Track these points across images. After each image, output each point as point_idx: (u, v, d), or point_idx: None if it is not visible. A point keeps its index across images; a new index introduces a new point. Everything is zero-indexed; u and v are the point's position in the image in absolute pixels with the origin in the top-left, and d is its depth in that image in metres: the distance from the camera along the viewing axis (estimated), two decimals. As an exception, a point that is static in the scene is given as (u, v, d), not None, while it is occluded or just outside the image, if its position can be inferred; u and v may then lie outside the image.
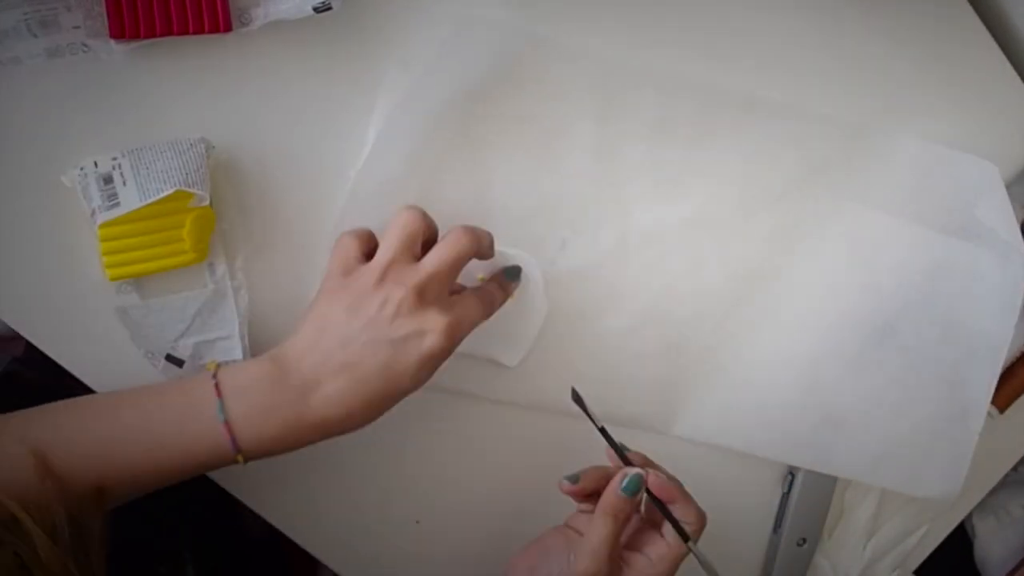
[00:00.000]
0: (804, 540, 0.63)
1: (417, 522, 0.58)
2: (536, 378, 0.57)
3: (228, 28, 0.48)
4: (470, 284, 0.53)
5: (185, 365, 0.51)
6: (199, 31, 0.48)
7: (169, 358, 0.51)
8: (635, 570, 0.48)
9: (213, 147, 0.49)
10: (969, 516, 0.75)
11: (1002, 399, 0.64)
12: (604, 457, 0.54)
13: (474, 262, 0.50)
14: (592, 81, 0.54)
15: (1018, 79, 0.61)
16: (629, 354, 0.58)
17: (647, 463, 0.51)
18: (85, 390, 0.50)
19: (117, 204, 0.47)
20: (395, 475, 0.57)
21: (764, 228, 0.58)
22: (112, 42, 0.47)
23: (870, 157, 0.59)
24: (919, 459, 0.61)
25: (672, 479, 0.50)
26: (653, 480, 0.49)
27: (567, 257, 0.56)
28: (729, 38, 0.56)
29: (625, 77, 0.54)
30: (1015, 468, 0.69)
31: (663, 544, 0.49)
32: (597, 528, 0.47)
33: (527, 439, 0.58)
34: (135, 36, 0.47)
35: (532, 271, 0.55)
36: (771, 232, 0.58)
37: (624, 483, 0.48)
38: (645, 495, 0.49)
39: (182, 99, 0.50)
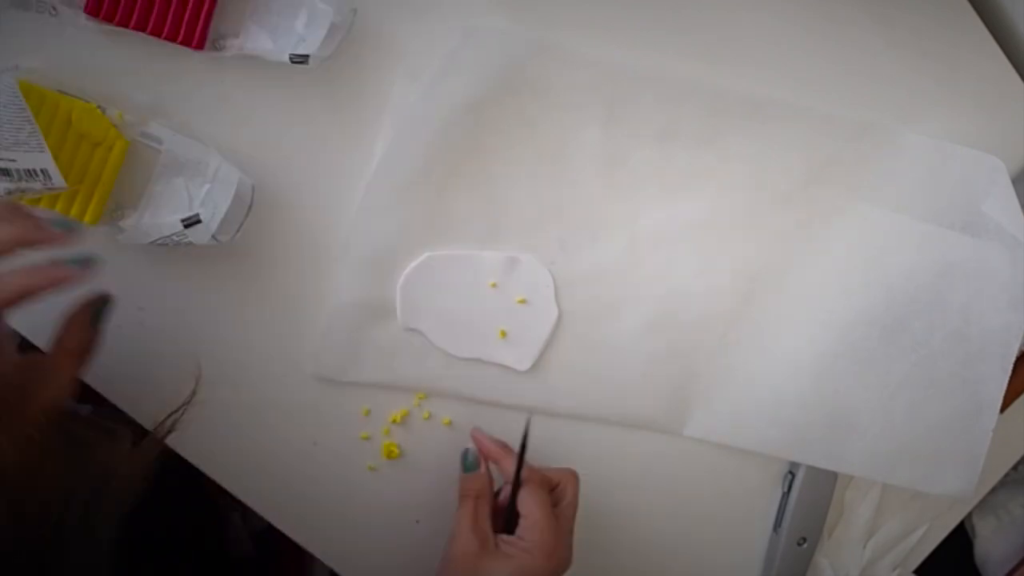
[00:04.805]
0: (804, 539, 0.63)
1: (417, 522, 0.58)
2: (546, 382, 0.57)
3: (200, 47, 0.48)
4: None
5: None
6: (171, 39, 0.48)
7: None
8: (508, 544, 0.50)
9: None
10: (969, 516, 0.75)
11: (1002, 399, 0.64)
12: (598, 460, 0.54)
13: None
14: (598, 87, 0.54)
15: (1018, 79, 0.61)
16: (640, 357, 0.58)
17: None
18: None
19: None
20: (396, 475, 0.57)
21: (773, 229, 0.58)
22: (84, 16, 0.47)
23: (875, 155, 0.59)
24: (933, 456, 0.61)
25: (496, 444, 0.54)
26: (480, 435, 0.55)
27: (571, 259, 0.56)
28: (733, 42, 0.56)
29: (631, 82, 0.54)
30: (1015, 468, 0.69)
31: (524, 517, 0.51)
32: (458, 511, 0.50)
33: (531, 443, 0.58)
34: (109, 20, 0.47)
35: (542, 277, 0.55)
36: (780, 233, 0.59)
37: (463, 462, 0.52)
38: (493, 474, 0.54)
39: (134, 88, 0.50)
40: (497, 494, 0.54)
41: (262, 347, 0.54)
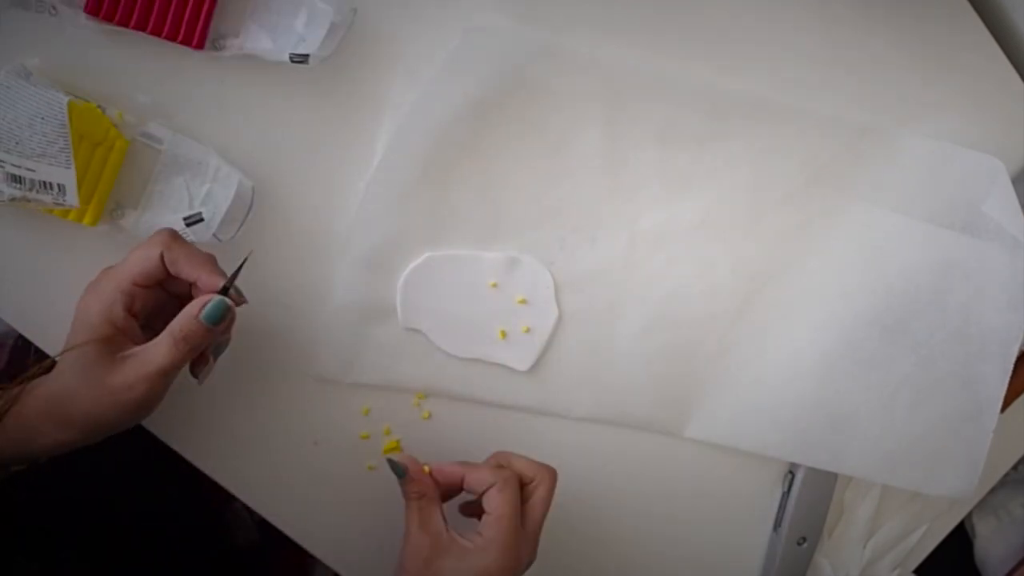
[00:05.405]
0: (804, 539, 0.63)
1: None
2: (546, 382, 0.57)
3: (200, 46, 0.49)
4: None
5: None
6: (172, 38, 0.48)
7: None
8: (465, 538, 0.48)
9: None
10: (969, 516, 0.75)
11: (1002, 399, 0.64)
12: (598, 460, 0.54)
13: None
14: (600, 87, 0.54)
15: (1018, 79, 0.61)
16: (641, 358, 0.58)
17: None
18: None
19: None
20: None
21: (773, 229, 0.58)
22: (84, 15, 0.47)
23: (876, 156, 0.59)
24: (933, 458, 0.61)
25: (454, 464, 0.51)
26: (435, 466, 0.50)
27: (571, 259, 0.56)
28: (734, 42, 0.56)
29: (632, 83, 0.54)
30: (1015, 468, 0.69)
31: (488, 513, 0.49)
32: (405, 515, 0.46)
33: (531, 443, 0.58)
34: (109, 19, 0.47)
35: (542, 277, 0.55)
36: (780, 233, 0.59)
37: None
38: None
39: (134, 88, 0.50)
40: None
41: (262, 346, 0.54)
